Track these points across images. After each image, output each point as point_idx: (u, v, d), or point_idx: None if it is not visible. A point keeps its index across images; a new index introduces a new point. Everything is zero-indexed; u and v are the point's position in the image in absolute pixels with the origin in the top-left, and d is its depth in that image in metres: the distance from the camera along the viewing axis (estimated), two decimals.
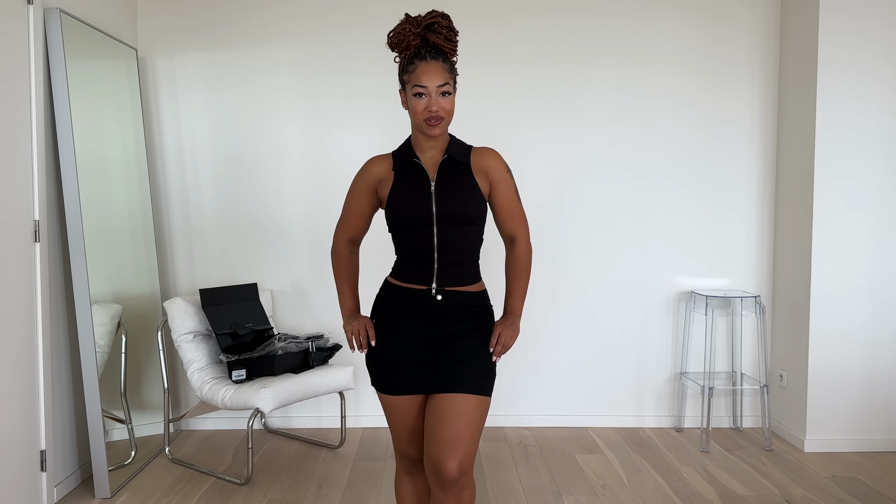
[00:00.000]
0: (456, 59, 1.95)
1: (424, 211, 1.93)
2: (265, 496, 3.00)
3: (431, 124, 1.90)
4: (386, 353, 1.98)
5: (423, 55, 1.88)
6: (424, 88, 1.87)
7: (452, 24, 1.92)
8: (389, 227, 2.03)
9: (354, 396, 3.87)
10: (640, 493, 3.04)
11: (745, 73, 3.82)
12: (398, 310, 1.99)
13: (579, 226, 3.85)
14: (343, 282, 2.13)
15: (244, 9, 3.75)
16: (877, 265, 3.52)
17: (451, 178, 1.96)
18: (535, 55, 3.78)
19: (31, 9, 2.75)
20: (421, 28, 1.88)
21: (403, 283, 2.00)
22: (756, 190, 3.87)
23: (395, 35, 1.91)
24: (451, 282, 1.97)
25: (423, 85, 1.87)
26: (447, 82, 1.89)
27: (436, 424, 1.87)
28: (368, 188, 2.04)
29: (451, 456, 1.83)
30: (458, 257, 1.97)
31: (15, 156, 2.65)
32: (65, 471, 3.00)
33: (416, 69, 1.88)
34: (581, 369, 3.91)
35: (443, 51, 1.90)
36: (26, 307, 2.71)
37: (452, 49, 1.91)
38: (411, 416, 1.98)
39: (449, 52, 1.91)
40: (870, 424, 3.56)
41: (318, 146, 3.80)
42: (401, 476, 2.13)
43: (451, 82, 1.91)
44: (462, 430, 1.85)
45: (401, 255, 2.04)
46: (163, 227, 3.81)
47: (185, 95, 3.78)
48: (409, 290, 1.98)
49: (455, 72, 1.94)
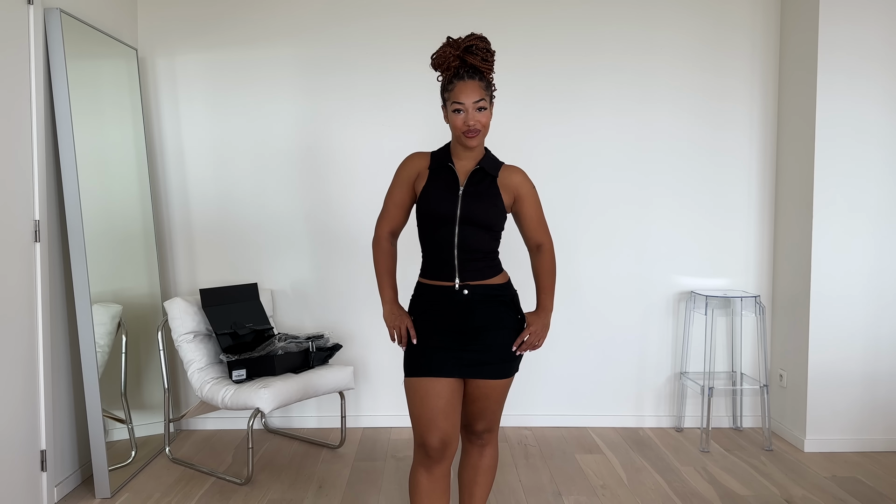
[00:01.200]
0: (492, 77, 2.13)
1: (449, 211, 2.12)
2: (265, 496, 3.00)
3: (469, 136, 2.09)
4: (425, 344, 2.15)
5: (461, 75, 2.08)
6: (462, 105, 2.06)
7: (489, 45, 2.10)
8: (419, 223, 2.22)
9: (354, 396, 3.87)
10: (640, 493, 3.04)
11: (745, 74, 3.82)
12: (432, 306, 2.17)
13: (579, 225, 3.85)
14: (384, 272, 2.29)
15: (244, 8, 3.75)
16: (877, 265, 3.53)
17: (478, 185, 2.16)
18: (536, 58, 3.78)
19: (31, 9, 2.75)
20: (460, 50, 2.07)
21: (432, 280, 2.19)
22: (756, 190, 3.87)
23: (437, 57, 2.11)
24: (473, 276, 2.15)
25: (460, 102, 2.06)
26: (483, 98, 2.07)
27: (469, 402, 2.20)
28: (409, 180, 2.23)
29: (480, 420, 2.23)
30: (476, 255, 2.15)
31: (15, 156, 2.65)
32: (65, 471, 3.00)
33: (455, 87, 2.08)
34: (581, 369, 3.91)
35: (479, 70, 2.08)
36: (26, 307, 2.71)
37: (488, 69, 2.10)
38: (443, 396, 2.11)
39: (485, 72, 2.09)
40: (870, 424, 3.57)
41: (319, 146, 3.80)
42: (417, 470, 2.16)
43: (487, 98, 2.09)
44: (490, 406, 2.20)
45: (426, 255, 2.22)
46: (163, 226, 3.81)
47: (186, 95, 3.78)
48: (438, 288, 2.17)
49: (492, 88, 2.12)
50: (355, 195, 3.81)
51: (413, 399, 2.14)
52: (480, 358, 2.13)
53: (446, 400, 2.10)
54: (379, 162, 3.79)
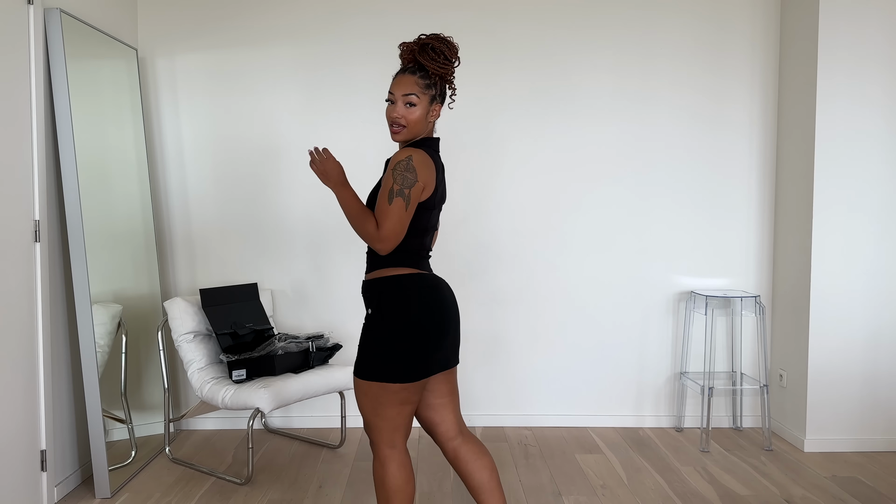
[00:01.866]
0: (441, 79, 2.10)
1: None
2: (265, 496, 3.00)
3: (393, 130, 2.09)
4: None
5: (405, 69, 2.10)
6: (392, 95, 2.09)
7: (449, 49, 2.09)
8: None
9: (354, 396, 3.87)
10: (640, 493, 3.04)
11: (745, 74, 3.82)
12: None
13: (579, 226, 3.86)
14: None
15: (244, 9, 3.76)
16: (877, 265, 3.53)
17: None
18: (535, 61, 3.78)
19: (32, 9, 2.75)
20: (418, 46, 2.09)
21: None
22: (756, 190, 3.87)
23: (402, 50, 2.13)
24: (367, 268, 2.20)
25: (391, 92, 2.09)
26: (413, 93, 2.06)
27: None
28: None
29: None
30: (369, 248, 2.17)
31: (15, 156, 2.65)
32: (65, 470, 3.00)
33: (394, 79, 2.11)
34: (581, 369, 3.91)
35: (425, 68, 2.08)
36: (26, 307, 2.71)
37: (436, 69, 2.08)
38: (420, 397, 2.12)
39: (431, 71, 2.08)
40: (870, 424, 3.57)
41: (319, 145, 3.80)
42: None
43: (422, 95, 2.07)
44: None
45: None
46: (163, 226, 3.81)
47: (186, 95, 3.78)
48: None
49: (436, 89, 2.10)
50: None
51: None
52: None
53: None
54: (379, 162, 3.79)
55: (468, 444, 2.22)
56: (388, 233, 1.97)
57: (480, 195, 3.83)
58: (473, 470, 2.19)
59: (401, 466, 2.10)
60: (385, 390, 2.05)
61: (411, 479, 2.11)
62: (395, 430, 2.09)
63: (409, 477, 2.10)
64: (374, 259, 2.13)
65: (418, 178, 2.00)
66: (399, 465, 2.09)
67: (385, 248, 1.99)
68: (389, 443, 2.09)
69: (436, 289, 2.12)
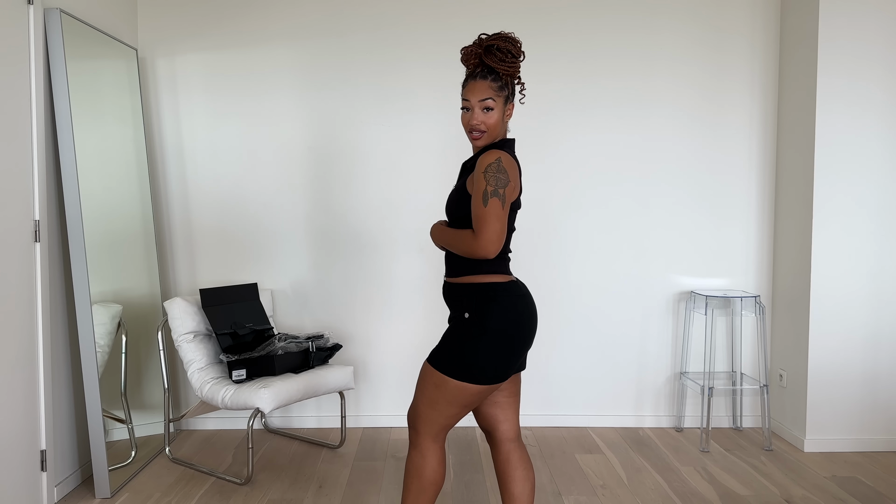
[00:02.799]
0: (512, 79, 2.09)
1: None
2: (265, 496, 3.00)
3: (473, 136, 2.08)
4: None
5: (475, 74, 2.07)
6: (468, 102, 2.07)
7: (515, 45, 2.06)
8: None
9: (354, 396, 3.87)
10: (640, 493, 3.04)
11: (745, 74, 3.82)
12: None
13: (579, 226, 3.86)
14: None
15: (244, 9, 3.76)
16: (877, 265, 3.53)
17: (458, 180, 2.13)
18: (536, 65, 3.77)
19: (32, 9, 2.75)
20: (482, 49, 2.06)
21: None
22: (756, 190, 3.87)
23: (463, 54, 2.10)
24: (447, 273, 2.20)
25: (466, 99, 2.07)
26: (490, 98, 2.04)
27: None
28: None
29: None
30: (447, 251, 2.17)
31: (15, 156, 2.65)
32: (65, 471, 3.00)
33: (467, 86, 2.08)
34: (581, 369, 3.91)
35: (495, 70, 2.05)
36: (26, 307, 2.71)
37: (505, 70, 2.05)
38: (481, 402, 2.18)
39: (502, 73, 2.05)
40: (870, 424, 3.57)
41: (319, 145, 3.80)
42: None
43: (498, 98, 2.05)
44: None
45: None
46: (163, 226, 3.81)
47: (186, 95, 3.78)
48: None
49: (508, 89, 2.08)
50: (356, 195, 3.81)
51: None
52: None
53: None
54: (379, 162, 3.79)
55: (521, 452, 2.23)
56: (490, 235, 1.92)
57: None
58: (518, 478, 2.20)
59: (441, 462, 2.13)
60: (460, 389, 2.06)
61: (444, 474, 2.15)
62: (445, 427, 2.12)
63: (444, 473, 2.15)
64: (463, 261, 2.10)
65: (510, 178, 1.98)
66: (440, 460, 2.13)
67: (490, 252, 1.93)
68: (435, 437, 2.12)
69: (526, 298, 2.13)
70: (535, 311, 2.15)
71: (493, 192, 1.94)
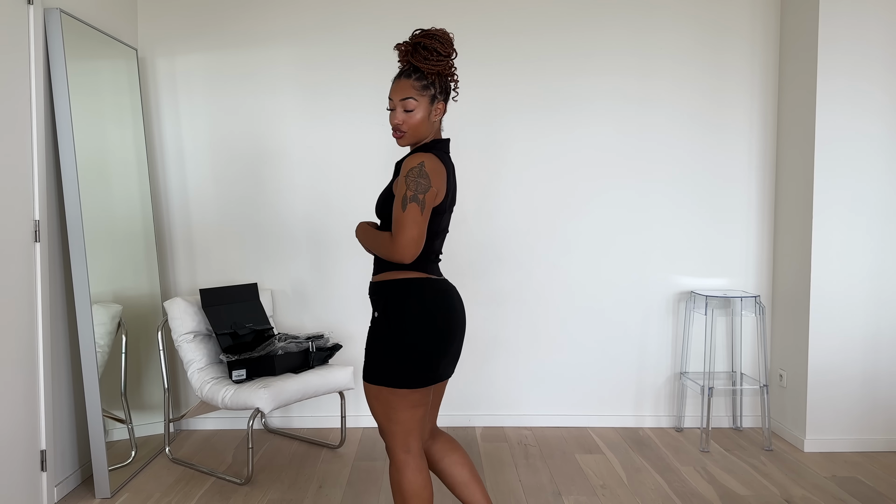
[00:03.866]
0: (435, 77, 2.02)
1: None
2: (265, 496, 3.00)
3: (395, 136, 2.05)
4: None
5: (401, 72, 2.04)
6: (391, 102, 2.04)
7: (443, 42, 2.01)
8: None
9: (354, 396, 3.87)
10: (640, 493, 3.04)
11: (745, 74, 3.82)
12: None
13: (579, 226, 3.86)
14: None
15: (244, 9, 3.76)
16: (877, 265, 3.53)
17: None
18: (536, 64, 3.78)
19: (32, 9, 2.75)
20: (411, 47, 2.03)
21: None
22: (756, 190, 3.87)
23: (398, 52, 2.10)
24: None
25: (389, 98, 2.04)
26: (410, 97, 2.00)
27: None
28: None
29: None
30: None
31: (15, 156, 2.65)
32: (65, 471, 3.00)
33: (391, 84, 2.06)
34: (581, 369, 3.91)
35: (420, 69, 2.01)
36: (26, 307, 2.71)
37: (430, 68, 2.00)
38: (430, 398, 2.12)
39: (426, 71, 2.01)
40: (870, 424, 3.57)
41: (319, 146, 3.81)
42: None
43: (420, 98, 2.01)
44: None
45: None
46: (163, 226, 3.81)
47: (186, 95, 3.78)
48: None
49: (436, 88, 2.03)
50: (355, 195, 3.81)
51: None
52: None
53: None
54: (379, 162, 3.79)
55: (439, 442, 2.21)
56: (406, 241, 1.90)
57: (481, 196, 3.83)
58: (447, 465, 2.21)
59: (417, 471, 2.06)
60: (395, 395, 2.02)
61: (428, 483, 2.07)
62: (409, 433, 2.06)
63: (425, 481, 2.07)
64: (382, 261, 2.08)
65: (432, 183, 1.94)
66: (415, 469, 2.06)
67: (406, 256, 1.92)
68: (404, 447, 2.06)
69: (443, 293, 2.07)
70: (456, 307, 2.09)
71: (412, 197, 1.91)
